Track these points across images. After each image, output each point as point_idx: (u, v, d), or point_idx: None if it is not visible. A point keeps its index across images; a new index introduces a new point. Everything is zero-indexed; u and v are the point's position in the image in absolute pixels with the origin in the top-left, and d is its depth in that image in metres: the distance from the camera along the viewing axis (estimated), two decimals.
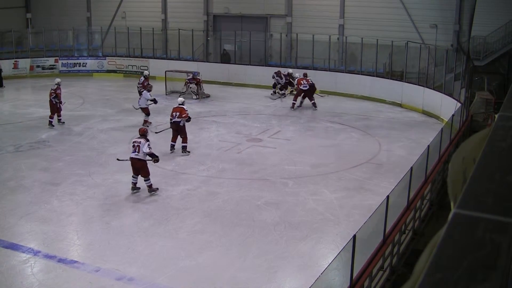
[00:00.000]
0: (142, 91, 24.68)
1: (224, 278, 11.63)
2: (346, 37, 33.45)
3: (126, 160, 16.27)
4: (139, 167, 16.07)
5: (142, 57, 37.50)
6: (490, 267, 1.05)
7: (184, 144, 19.79)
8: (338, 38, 34.20)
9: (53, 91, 23.69)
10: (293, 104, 27.17)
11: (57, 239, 13.45)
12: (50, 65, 37.28)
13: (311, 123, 24.62)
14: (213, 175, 17.83)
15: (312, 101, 27.12)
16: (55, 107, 23.62)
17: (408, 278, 1.72)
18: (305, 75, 27.65)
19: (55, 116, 23.68)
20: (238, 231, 13.84)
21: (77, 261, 12.41)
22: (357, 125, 24.19)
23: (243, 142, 21.12)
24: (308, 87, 26.90)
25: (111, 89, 33.17)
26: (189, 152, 19.79)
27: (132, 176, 16.26)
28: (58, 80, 24.37)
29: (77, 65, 37.91)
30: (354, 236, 9.37)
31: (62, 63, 37.41)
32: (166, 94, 29.90)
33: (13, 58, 36.92)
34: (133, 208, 15.59)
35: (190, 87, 29.59)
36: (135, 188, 16.30)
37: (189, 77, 29.80)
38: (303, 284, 10.30)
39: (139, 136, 16.48)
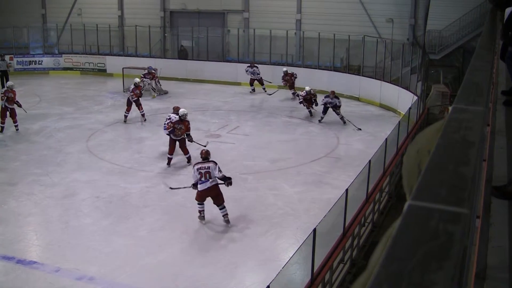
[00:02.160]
0: (134, 99, 23.40)
1: (185, 275, 11.60)
2: (303, 32, 33.56)
3: (183, 187, 14.46)
4: (216, 194, 13.78)
5: (99, 54, 37.12)
6: (443, 257, 1.07)
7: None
8: (295, 33, 34.33)
9: (2, 94, 22.56)
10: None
11: (15, 240, 13.25)
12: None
13: (270, 118, 24.68)
14: (172, 172, 17.76)
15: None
16: (5, 111, 22.30)
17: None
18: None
19: (8, 121, 22.45)
20: (198, 227, 13.82)
21: (36, 262, 12.26)
22: (315, 120, 24.29)
23: (202, 138, 21.01)
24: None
25: (68, 87, 32.79)
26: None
27: (198, 204, 13.97)
28: (10, 83, 23.22)
29: (33, 63, 37.31)
30: (314, 230, 9.42)
31: (17, 61, 36.77)
32: (124, 91, 29.60)
33: None
34: (92, 206, 15.43)
35: (149, 83, 29.29)
36: (202, 217, 14.05)
37: (144, 72, 29.53)
38: (264, 278, 10.32)
39: (202, 160, 13.95)
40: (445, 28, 30.91)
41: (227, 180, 13.80)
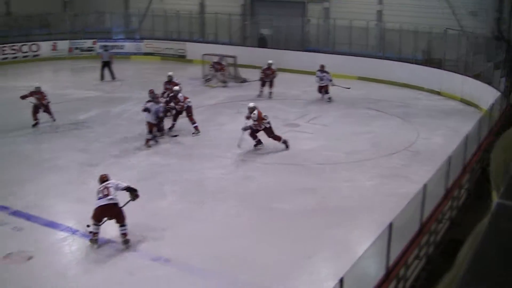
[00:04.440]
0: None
1: (259, 262, 11.67)
2: (384, 23, 33.11)
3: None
4: (116, 214, 12.52)
5: (179, 40, 37.51)
6: None
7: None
8: (376, 24, 33.89)
9: (28, 94, 21.33)
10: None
11: None
12: (88, 47, 37.54)
13: (349, 109, 24.44)
14: (249, 159, 17.85)
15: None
16: (37, 109, 21.38)
17: (445, 268, 1.71)
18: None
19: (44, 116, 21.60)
20: (273, 215, 13.86)
21: (114, 241, 12.60)
22: (394, 113, 23.95)
23: (280, 127, 21.03)
24: None
25: (148, 71, 33.29)
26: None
27: (94, 224, 12.48)
28: (37, 85, 21.75)
29: (115, 47, 38.05)
30: (390, 224, 9.32)
31: (100, 45, 37.56)
32: (203, 78, 29.87)
33: (52, 40, 37.37)
34: (169, 190, 15.71)
35: (216, 74, 29.20)
36: (96, 241, 12.56)
37: (214, 61, 29.45)
38: (338, 270, 10.27)
39: (101, 183, 12.81)
40: None
41: (134, 192, 12.74)
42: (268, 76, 26.53)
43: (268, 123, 18.25)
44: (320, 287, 10.56)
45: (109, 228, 13.10)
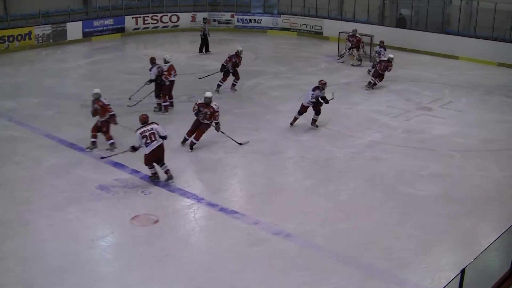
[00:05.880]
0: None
1: (379, 244, 11.59)
2: None
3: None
4: (162, 155, 14.13)
5: (316, 17, 37.32)
6: None
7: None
8: None
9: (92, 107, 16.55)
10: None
11: (220, 189, 13.96)
12: (226, 20, 38.11)
13: (486, 96, 23.52)
14: (379, 141, 17.64)
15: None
16: (96, 125, 16.42)
17: None
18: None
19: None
20: (399, 199, 13.70)
21: (237, 212, 12.85)
22: None
23: (412, 110, 20.66)
24: None
25: (284, 46, 33.41)
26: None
27: (150, 168, 14.25)
28: (96, 91, 16.45)
29: (252, 21, 38.44)
30: None
31: (237, 18, 38.11)
32: (338, 57, 29.55)
33: (191, 12, 38.27)
34: (296, 166, 15.83)
35: (350, 51, 28.71)
36: (158, 177, 14.43)
37: (349, 34, 28.87)
38: (460, 261, 10.03)
39: (141, 124, 13.95)
40: None
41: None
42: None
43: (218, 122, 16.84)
44: (440, 277, 10.34)
45: (234, 201, 13.45)
